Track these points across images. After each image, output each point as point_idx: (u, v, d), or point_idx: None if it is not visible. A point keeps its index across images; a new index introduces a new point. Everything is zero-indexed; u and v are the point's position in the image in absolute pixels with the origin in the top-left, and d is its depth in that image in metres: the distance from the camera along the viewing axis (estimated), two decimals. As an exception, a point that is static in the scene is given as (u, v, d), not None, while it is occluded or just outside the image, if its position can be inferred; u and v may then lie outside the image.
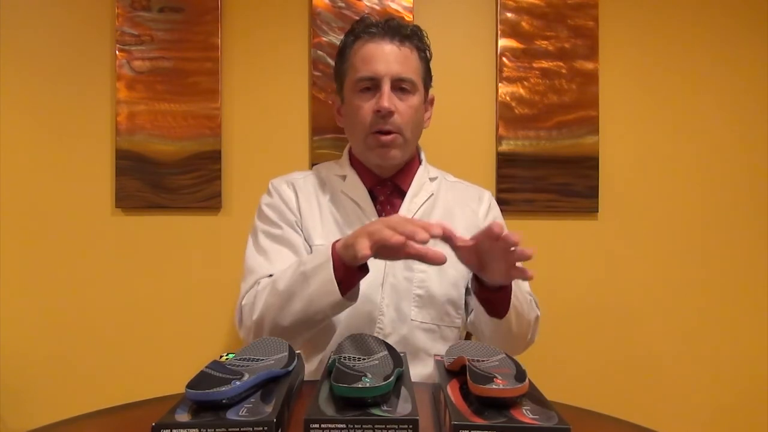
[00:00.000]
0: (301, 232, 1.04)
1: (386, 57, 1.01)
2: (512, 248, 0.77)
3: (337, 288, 0.84)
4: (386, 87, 1.00)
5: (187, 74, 1.44)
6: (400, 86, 1.02)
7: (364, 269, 0.87)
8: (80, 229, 1.46)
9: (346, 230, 1.03)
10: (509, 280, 0.86)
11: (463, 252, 0.83)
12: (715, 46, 1.50)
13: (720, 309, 1.50)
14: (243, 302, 0.98)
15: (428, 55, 1.09)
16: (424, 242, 0.74)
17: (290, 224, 1.04)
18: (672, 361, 1.50)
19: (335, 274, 0.84)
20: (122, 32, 1.44)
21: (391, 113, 1.00)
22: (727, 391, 1.49)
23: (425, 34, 1.08)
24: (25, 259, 1.45)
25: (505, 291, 0.89)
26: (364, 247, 0.77)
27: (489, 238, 0.78)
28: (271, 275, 0.97)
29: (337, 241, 0.87)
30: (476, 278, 0.90)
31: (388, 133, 1.01)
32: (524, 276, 0.81)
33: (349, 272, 0.85)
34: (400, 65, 1.01)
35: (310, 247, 1.03)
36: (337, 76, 1.10)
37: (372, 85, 1.01)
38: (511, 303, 0.90)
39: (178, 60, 1.44)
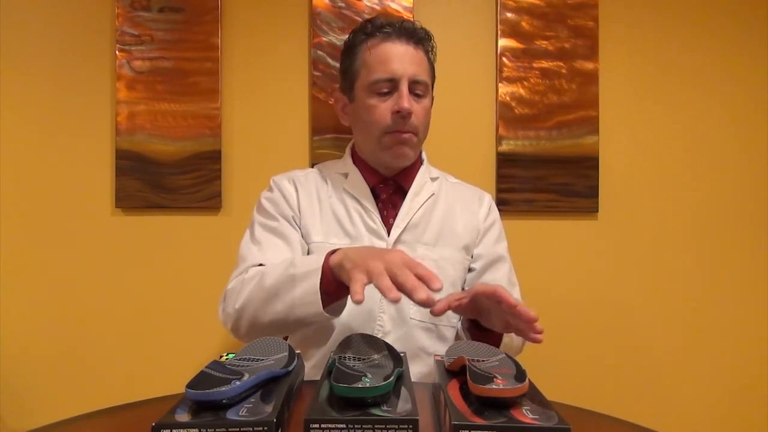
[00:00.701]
0: (298, 229, 1.05)
1: (402, 58, 1.01)
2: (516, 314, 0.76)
3: (320, 300, 0.82)
4: (405, 88, 1.00)
5: (187, 74, 1.44)
6: (415, 88, 1.02)
7: None
8: (80, 229, 1.46)
9: (347, 227, 1.04)
10: (507, 332, 0.85)
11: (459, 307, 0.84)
12: (715, 46, 1.50)
13: (720, 309, 1.50)
14: (229, 287, 0.96)
15: (434, 58, 1.10)
16: (422, 301, 0.70)
17: (287, 218, 1.04)
18: (672, 360, 1.50)
19: (323, 285, 0.82)
20: (122, 32, 1.44)
21: (410, 114, 1.00)
22: (727, 390, 1.49)
23: (432, 36, 1.08)
24: (25, 259, 1.45)
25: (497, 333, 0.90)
26: (358, 289, 0.71)
27: (494, 301, 0.77)
28: (261, 264, 0.96)
29: (333, 251, 0.84)
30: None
31: (405, 132, 1.02)
32: (535, 341, 0.77)
33: (339, 286, 0.82)
34: (416, 67, 1.02)
35: (307, 244, 1.03)
36: (345, 75, 1.09)
37: (390, 87, 1.01)
38: (502, 342, 0.92)
39: (178, 60, 1.44)
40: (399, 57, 1.01)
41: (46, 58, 1.45)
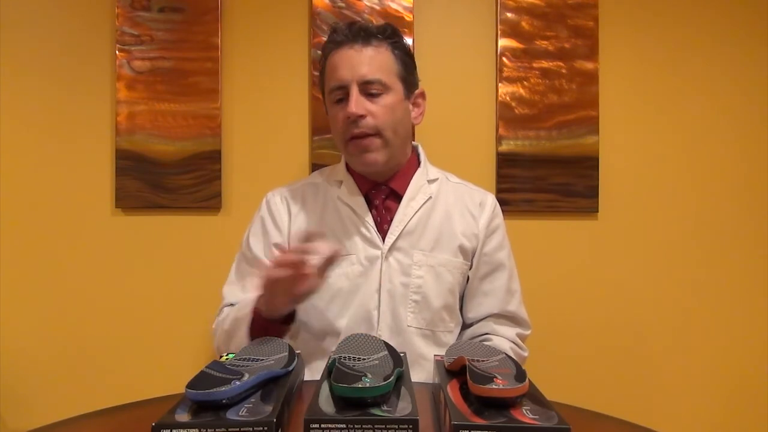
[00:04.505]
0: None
1: (350, 62, 1.00)
2: None
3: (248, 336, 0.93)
4: (353, 92, 0.99)
5: (187, 74, 1.44)
6: (368, 89, 1.00)
7: (287, 321, 0.95)
8: (80, 229, 1.45)
9: (342, 239, 1.03)
10: None
11: None
12: (715, 47, 1.50)
13: (719, 308, 1.50)
14: (213, 326, 1.08)
15: (404, 48, 1.05)
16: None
17: (272, 247, 1.04)
18: (672, 360, 1.50)
19: (255, 329, 0.93)
20: (122, 32, 1.43)
21: (361, 117, 0.98)
22: (726, 390, 1.49)
23: (395, 29, 1.05)
24: (25, 259, 1.45)
25: None
26: (282, 303, 0.90)
27: None
28: (232, 304, 1.07)
29: (261, 295, 0.93)
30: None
31: (364, 136, 1.00)
32: None
33: (271, 324, 0.93)
34: (365, 67, 1.00)
35: None
36: (320, 89, 1.11)
37: (343, 94, 1.01)
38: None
39: (178, 60, 1.44)
40: (347, 62, 1.00)
41: (46, 58, 1.45)
